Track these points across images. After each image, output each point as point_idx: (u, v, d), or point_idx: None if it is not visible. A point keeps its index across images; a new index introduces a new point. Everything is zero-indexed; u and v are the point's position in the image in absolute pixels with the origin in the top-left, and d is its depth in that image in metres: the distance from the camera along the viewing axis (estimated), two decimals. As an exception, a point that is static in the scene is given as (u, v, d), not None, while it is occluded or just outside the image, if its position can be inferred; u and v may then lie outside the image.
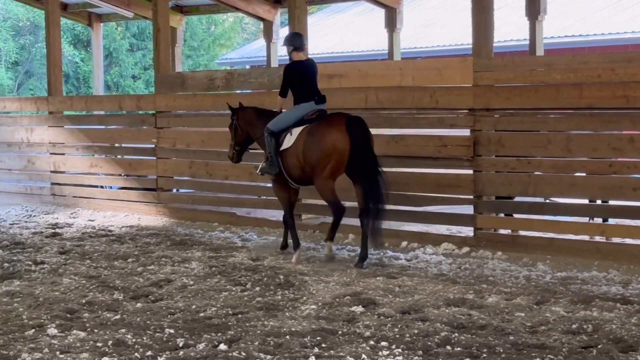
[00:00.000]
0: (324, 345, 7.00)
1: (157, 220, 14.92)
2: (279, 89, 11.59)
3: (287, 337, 7.21)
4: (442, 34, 26.92)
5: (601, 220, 11.76)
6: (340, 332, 7.38)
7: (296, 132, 11.10)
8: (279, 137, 11.22)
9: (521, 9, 16.06)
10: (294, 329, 7.46)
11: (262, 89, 13.84)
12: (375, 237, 10.73)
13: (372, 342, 7.04)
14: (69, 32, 44.25)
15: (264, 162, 11.50)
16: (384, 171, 10.83)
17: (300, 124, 11.14)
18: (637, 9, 23.49)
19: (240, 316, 8.02)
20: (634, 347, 6.86)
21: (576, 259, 10.58)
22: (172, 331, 7.45)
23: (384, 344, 7.00)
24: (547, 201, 11.94)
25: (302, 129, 11.07)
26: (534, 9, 15.56)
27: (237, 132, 12.04)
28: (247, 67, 28.57)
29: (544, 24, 15.84)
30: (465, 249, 11.48)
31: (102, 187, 17.06)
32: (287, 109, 11.52)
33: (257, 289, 9.24)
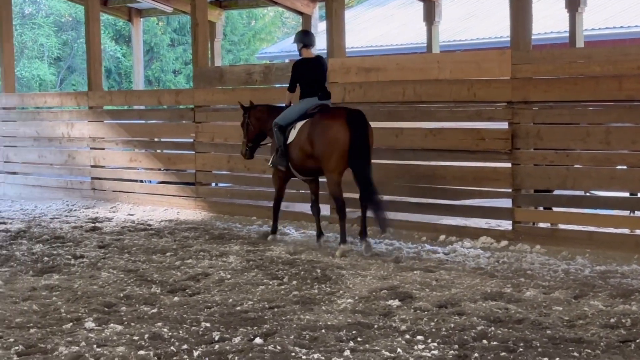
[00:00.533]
0: (359, 339, 6.98)
1: (195, 214, 14.97)
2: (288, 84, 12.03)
3: (323, 330, 7.20)
4: (481, 27, 26.78)
5: (642, 213, 11.68)
6: (376, 326, 7.36)
7: (299, 125, 11.56)
8: (286, 130, 11.68)
9: (561, 1, 15.97)
10: (329, 323, 7.44)
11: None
12: (381, 223, 11.08)
13: (407, 336, 7.01)
14: (110, 28, 44.50)
15: (274, 155, 11.92)
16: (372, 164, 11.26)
17: (303, 118, 11.59)
18: (679, -1, 23.29)
19: (276, 310, 8.01)
20: (673, 341, 6.79)
21: (616, 253, 10.48)
22: (208, 325, 7.46)
23: (419, 337, 6.96)
24: (587, 194, 11.85)
25: (304, 122, 11.50)
26: (574, 1, 15.45)
27: (249, 129, 12.56)
28: (286, 61, 28.55)
29: (584, 15, 15.72)
30: (503, 243, 11.40)
31: (141, 181, 17.15)
32: (293, 104, 11.97)
33: (294, 282, 9.24)
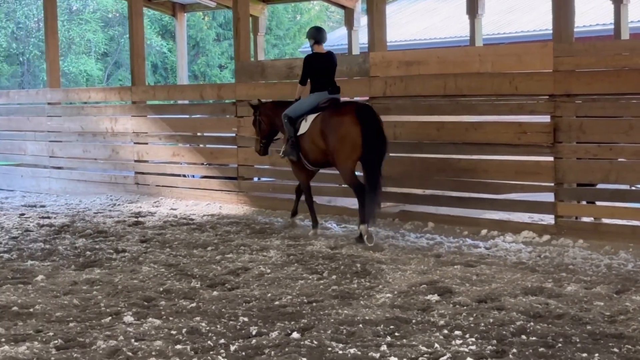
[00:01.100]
0: (396, 334, 6.96)
1: (237, 208, 15.00)
2: (300, 77, 12.39)
3: (360, 325, 7.18)
4: (525, 20, 26.61)
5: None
6: (414, 321, 7.33)
7: (310, 118, 11.97)
8: (296, 122, 12.13)
9: (606, -7, 15.81)
10: (367, 318, 7.43)
11: (342, 76, 13.78)
12: (370, 214, 11.23)
13: (445, 331, 6.98)
14: (156, 23, 44.77)
15: (285, 146, 12.33)
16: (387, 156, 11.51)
17: (314, 111, 11.99)
18: None
19: (314, 304, 8.01)
20: None
21: (660, 247, 10.38)
22: (246, 319, 7.48)
23: (457, 333, 6.93)
24: (631, 188, 11.72)
25: (316, 116, 11.88)
26: (619, -8, 15.29)
27: (261, 126, 13.05)
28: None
29: (628, 7, 15.54)
30: (545, 237, 11.31)
31: (184, 175, 17.22)
32: (303, 97, 12.33)
33: (334, 277, 9.23)
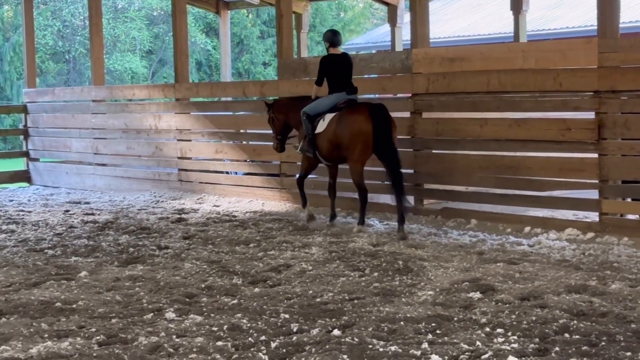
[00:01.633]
0: (438, 331, 6.92)
1: (280, 205, 15.01)
2: (316, 77, 12.82)
3: (402, 323, 7.15)
4: (570, 16, 26.39)
5: None
6: (455, 319, 7.29)
7: (328, 117, 12.44)
8: (314, 120, 12.60)
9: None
10: (409, 315, 7.39)
11: (384, 73, 13.77)
12: (400, 206, 11.81)
13: (487, 329, 6.93)
14: (201, 21, 45.01)
15: (302, 142, 12.89)
16: (400, 152, 12.13)
17: (332, 111, 12.46)
18: None
19: (356, 302, 7.99)
20: None
21: None
22: (287, 316, 7.47)
23: (499, 330, 6.88)
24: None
25: (334, 115, 12.37)
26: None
27: (275, 123, 13.64)
28: (373, 51, 28.50)
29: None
30: (589, 235, 11.21)
31: (227, 172, 17.26)
32: (322, 97, 12.76)
33: (375, 274, 9.20)
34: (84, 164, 20.03)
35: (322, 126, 12.47)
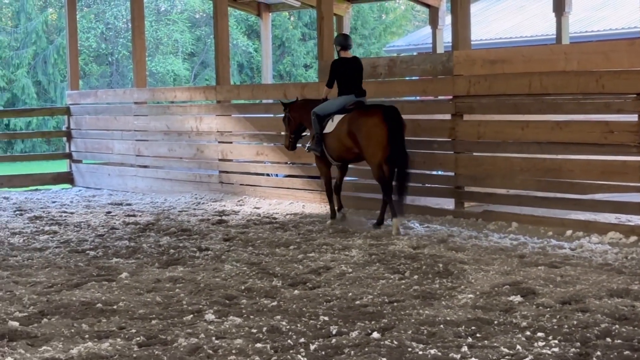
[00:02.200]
0: (478, 335, 6.89)
1: (320, 207, 15.00)
2: (327, 80, 13.39)
3: (441, 326, 7.12)
4: (614, 17, 26.17)
5: None
6: (496, 322, 7.25)
7: (337, 119, 12.94)
8: (323, 120, 13.15)
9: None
10: (449, 318, 7.36)
11: (425, 75, 13.73)
12: (399, 207, 12.34)
13: (528, 333, 6.89)
14: (243, 23, 45.15)
15: (310, 141, 13.53)
16: (411, 153, 12.74)
17: (341, 112, 12.97)
18: None
19: (395, 304, 7.97)
20: None
21: None
22: (326, 318, 7.47)
23: (540, 334, 6.83)
24: None
25: (342, 116, 12.84)
26: None
27: (290, 122, 14.15)
28: (414, 54, 28.43)
29: None
30: (632, 238, 11.08)
31: (268, 174, 17.28)
32: (331, 98, 13.33)
33: (415, 277, 9.17)
34: (126, 166, 20.14)
35: (330, 126, 13.03)
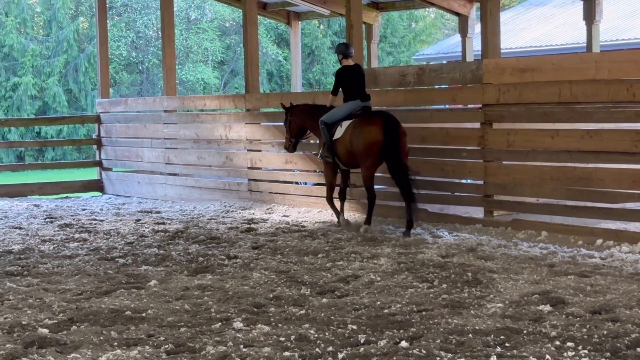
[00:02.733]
0: (507, 344, 6.85)
1: (349, 216, 14.97)
2: (332, 87, 13.93)
3: (470, 335, 7.09)
4: (645, 25, 26.03)
5: None
6: (525, 332, 7.21)
7: (345, 124, 13.40)
8: (332, 128, 13.57)
9: None
10: (477, 327, 7.33)
11: (455, 83, 13.69)
12: (410, 214, 12.80)
13: (557, 343, 6.84)
14: (272, 32, 45.25)
15: (322, 149, 13.94)
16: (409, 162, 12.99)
17: (349, 118, 13.42)
18: None
19: (424, 313, 7.94)
20: None
21: None
22: (354, 327, 7.45)
23: (570, 344, 6.78)
24: None
25: (350, 122, 13.32)
26: None
27: (291, 126, 14.67)
28: (443, 62, 28.38)
29: None
30: (664, 248, 11.03)
31: (297, 183, 17.29)
32: (337, 106, 13.80)
33: (444, 286, 9.14)
34: (156, 174, 20.22)
35: (339, 132, 13.47)
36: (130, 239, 13.11)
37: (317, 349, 6.78)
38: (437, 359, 6.45)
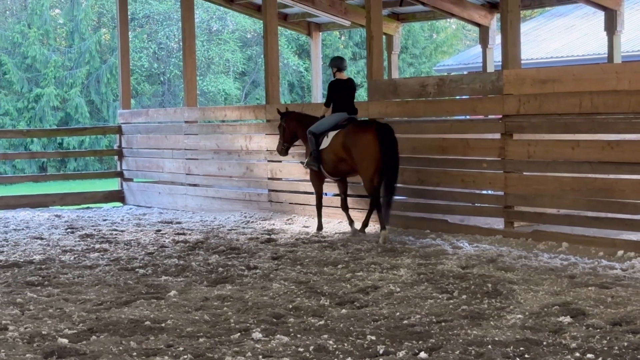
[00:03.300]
0: (526, 355, 6.83)
1: (369, 226, 14.96)
2: (326, 99, 14.58)
3: (489, 346, 7.07)
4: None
5: None
6: (545, 343, 7.18)
7: (331, 135, 14.06)
8: (319, 138, 14.20)
9: None
10: (497, 339, 7.31)
11: (475, 94, 13.66)
12: (385, 217, 13.42)
13: (577, 354, 6.82)
14: (293, 43, 45.31)
15: (308, 158, 14.56)
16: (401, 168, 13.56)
17: (335, 128, 14.10)
18: None
19: (443, 324, 7.92)
20: None
21: None
22: (373, 338, 7.45)
23: (590, 356, 6.76)
24: None
25: (337, 132, 13.97)
26: None
27: (285, 131, 15.25)
28: (464, 73, 28.35)
29: None
30: (685, 259, 10.96)
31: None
32: (326, 117, 14.44)
33: (464, 297, 9.12)
34: (176, 184, 20.27)
35: (326, 142, 14.11)
36: (150, 250, 13.15)
37: (335, 360, 6.79)
38: (456, 370, 6.44)
